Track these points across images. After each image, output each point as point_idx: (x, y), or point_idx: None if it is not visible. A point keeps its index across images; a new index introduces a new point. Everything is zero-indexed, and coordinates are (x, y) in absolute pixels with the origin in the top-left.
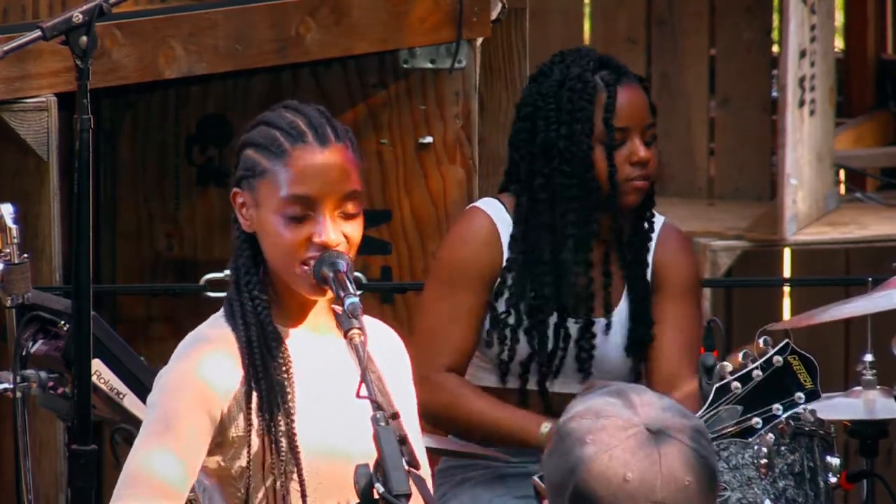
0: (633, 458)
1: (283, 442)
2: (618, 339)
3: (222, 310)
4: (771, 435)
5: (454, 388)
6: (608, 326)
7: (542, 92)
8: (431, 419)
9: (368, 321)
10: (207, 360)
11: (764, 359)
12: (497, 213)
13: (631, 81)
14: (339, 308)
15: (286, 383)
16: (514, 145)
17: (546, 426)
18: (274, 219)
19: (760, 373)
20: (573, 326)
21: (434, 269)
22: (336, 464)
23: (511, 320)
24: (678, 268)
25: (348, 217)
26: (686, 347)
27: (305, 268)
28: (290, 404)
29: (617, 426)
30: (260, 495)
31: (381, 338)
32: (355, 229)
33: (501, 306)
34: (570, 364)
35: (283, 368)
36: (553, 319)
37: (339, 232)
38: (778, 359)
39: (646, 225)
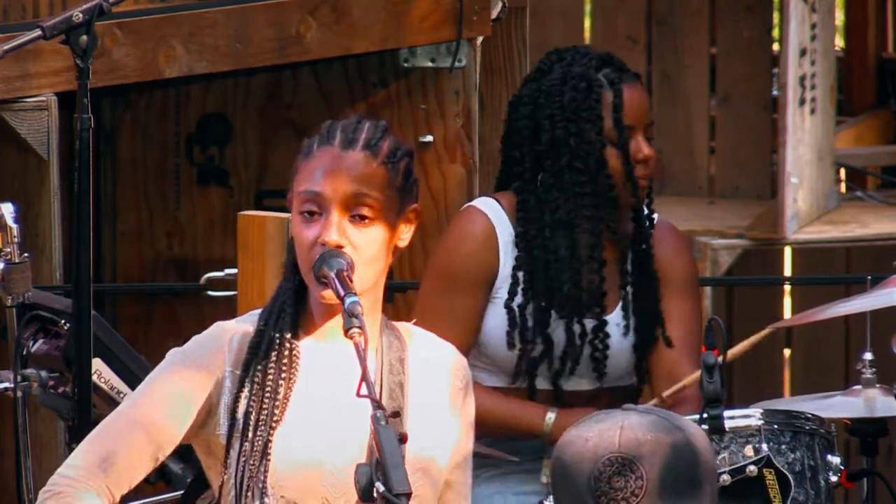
0: (597, 425)
1: (259, 445)
2: (618, 333)
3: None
4: None
5: None
6: (619, 323)
7: (542, 90)
8: None
9: (427, 337)
10: (203, 364)
11: (736, 466)
12: (495, 214)
13: (632, 80)
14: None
15: (280, 389)
16: (514, 143)
17: (551, 415)
18: (296, 218)
19: (728, 478)
20: (589, 324)
21: (430, 268)
22: (306, 479)
23: (529, 319)
24: (675, 264)
25: (360, 223)
26: (686, 341)
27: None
28: (277, 412)
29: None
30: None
31: (437, 354)
32: (364, 238)
33: (516, 305)
34: (585, 362)
35: (283, 375)
36: (566, 317)
37: (344, 235)
38: (752, 468)
39: (647, 222)
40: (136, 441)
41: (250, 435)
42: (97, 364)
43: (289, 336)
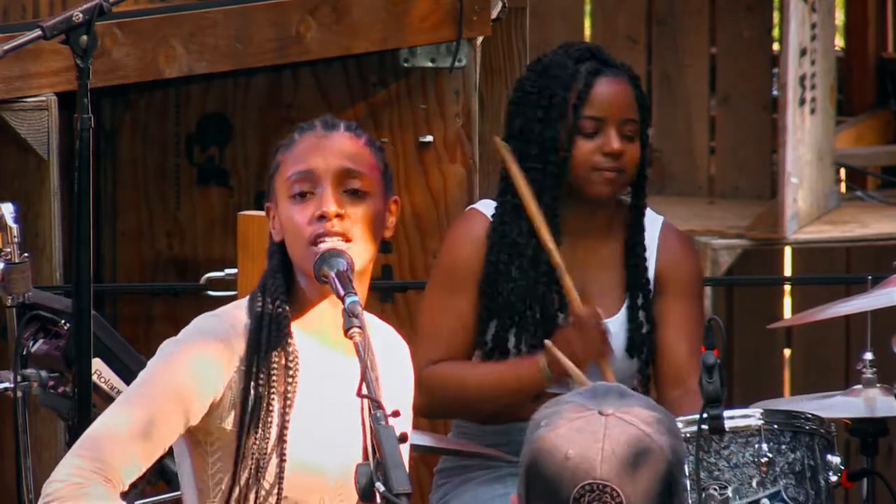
0: (577, 436)
1: (273, 433)
2: (618, 340)
3: (248, 298)
4: None
5: (446, 372)
6: (623, 326)
7: (529, 79)
8: (443, 412)
9: (373, 322)
10: (212, 347)
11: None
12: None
13: (617, 75)
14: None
15: (290, 387)
16: (505, 134)
17: (544, 359)
18: (285, 205)
19: None
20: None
21: (433, 271)
22: (305, 478)
23: (494, 325)
24: (681, 268)
25: (354, 196)
26: (692, 346)
27: (314, 248)
28: (288, 407)
29: (571, 409)
30: (228, 476)
31: (385, 339)
32: (360, 211)
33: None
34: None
35: (290, 372)
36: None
37: (342, 206)
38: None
39: (636, 222)
40: (172, 413)
41: (260, 433)
42: (97, 364)
43: (288, 334)
